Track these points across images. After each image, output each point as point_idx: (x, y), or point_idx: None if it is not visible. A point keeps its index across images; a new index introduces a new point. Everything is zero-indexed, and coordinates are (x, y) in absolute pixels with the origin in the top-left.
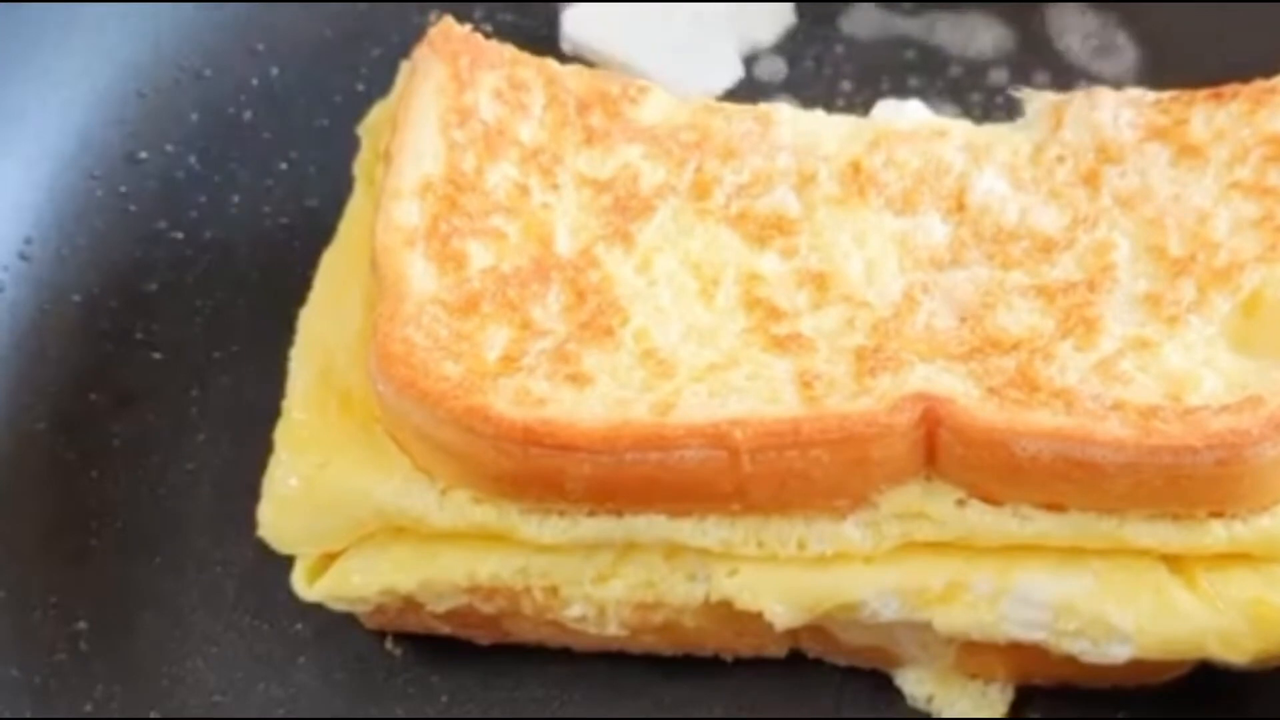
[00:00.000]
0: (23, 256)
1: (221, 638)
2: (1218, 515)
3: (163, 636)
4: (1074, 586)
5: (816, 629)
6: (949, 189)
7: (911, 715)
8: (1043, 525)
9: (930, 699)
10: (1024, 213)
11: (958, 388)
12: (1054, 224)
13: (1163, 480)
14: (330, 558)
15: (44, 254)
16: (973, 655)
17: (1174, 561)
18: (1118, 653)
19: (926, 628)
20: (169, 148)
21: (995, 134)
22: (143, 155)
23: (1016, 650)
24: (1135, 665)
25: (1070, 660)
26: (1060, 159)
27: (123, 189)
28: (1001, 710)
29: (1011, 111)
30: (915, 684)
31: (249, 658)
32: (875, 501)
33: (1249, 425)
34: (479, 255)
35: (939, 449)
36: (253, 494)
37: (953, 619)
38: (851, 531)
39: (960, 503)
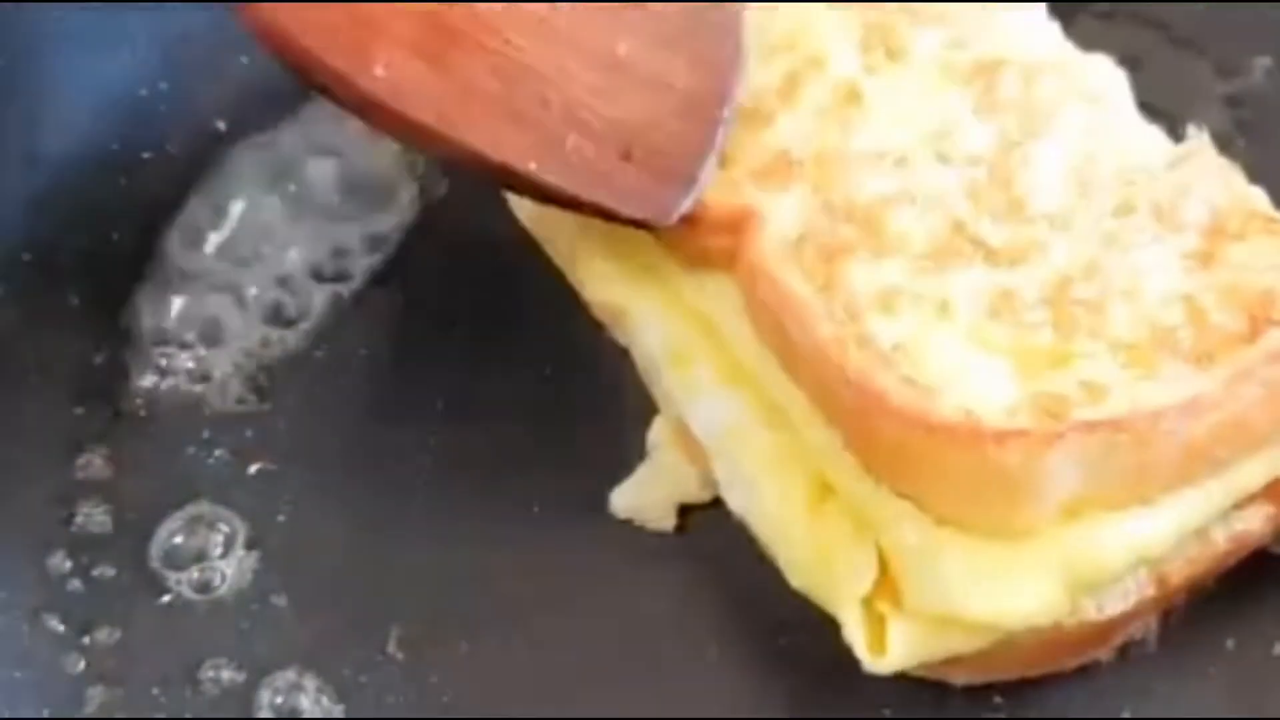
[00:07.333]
0: (23, 257)
1: (222, 640)
2: None
3: (163, 639)
4: None
5: None
6: None
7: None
8: None
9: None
10: None
11: None
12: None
13: None
14: None
15: (44, 254)
16: None
17: None
18: None
19: None
20: (169, 148)
21: None
22: (143, 155)
23: None
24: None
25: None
26: None
27: (123, 189)
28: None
29: None
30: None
31: (249, 659)
32: None
33: None
34: None
35: None
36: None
37: None
38: None
39: None
